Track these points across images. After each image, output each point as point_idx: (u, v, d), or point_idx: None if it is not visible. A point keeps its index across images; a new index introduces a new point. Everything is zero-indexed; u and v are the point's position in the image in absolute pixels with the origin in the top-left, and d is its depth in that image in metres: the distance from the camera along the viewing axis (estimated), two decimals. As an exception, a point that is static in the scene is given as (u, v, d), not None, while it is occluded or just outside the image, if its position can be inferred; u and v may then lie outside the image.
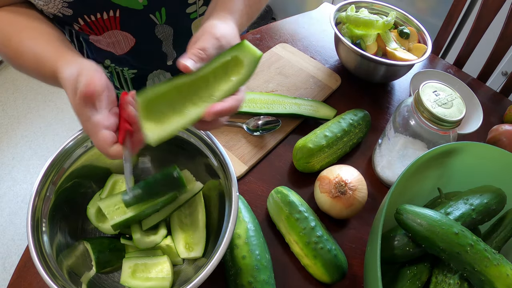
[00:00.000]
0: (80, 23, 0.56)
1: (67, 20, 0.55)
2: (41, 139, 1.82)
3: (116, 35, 0.60)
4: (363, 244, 0.59)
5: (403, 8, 0.85)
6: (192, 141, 0.52)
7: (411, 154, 0.60)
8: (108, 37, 0.60)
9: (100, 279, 0.47)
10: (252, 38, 0.92)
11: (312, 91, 0.80)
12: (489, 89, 0.91)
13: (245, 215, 0.54)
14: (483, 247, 0.42)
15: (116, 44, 0.62)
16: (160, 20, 0.61)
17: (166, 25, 0.62)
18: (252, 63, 0.40)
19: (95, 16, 0.55)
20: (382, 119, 0.78)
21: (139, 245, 0.49)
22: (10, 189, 1.63)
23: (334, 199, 0.56)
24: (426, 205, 0.55)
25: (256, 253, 0.50)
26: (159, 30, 0.63)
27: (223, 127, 0.71)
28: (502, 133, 0.70)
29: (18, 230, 1.51)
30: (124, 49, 0.63)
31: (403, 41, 0.80)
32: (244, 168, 0.65)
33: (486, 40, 0.97)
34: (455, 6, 0.99)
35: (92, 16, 0.55)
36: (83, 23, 0.56)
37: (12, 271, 0.52)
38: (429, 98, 0.54)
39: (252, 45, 0.40)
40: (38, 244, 0.41)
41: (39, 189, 0.44)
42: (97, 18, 0.55)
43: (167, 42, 0.67)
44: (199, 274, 0.39)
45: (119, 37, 0.61)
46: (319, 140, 0.63)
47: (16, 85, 2.02)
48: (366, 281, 0.45)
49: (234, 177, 0.46)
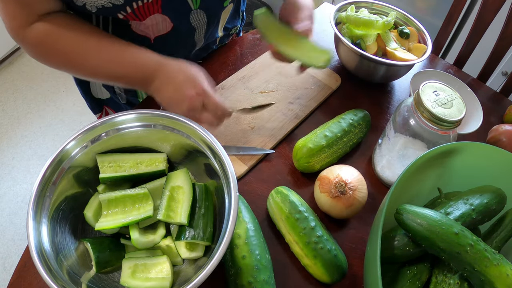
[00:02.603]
0: (127, 11, 0.57)
1: (114, 10, 0.56)
2: (41, 139, 1.82)
3: (157, 17, 0.62)
4: (363, 244, 0.59)
5: (403, 8, 0.85)
6: (193, 141, 0.52)
7: (411, 154, 0.60)
8: (149, 21, 0.61)
9: (100, 279, 0.47)
10: (252, 38, 0.92)
11: (312, 91, 0.80)
12: (489, 89, 0.91)
13: (245, 215, 0.54)
14: (483, 247, 0.42)
15: (155, 26, 0.63)
16: (194, 5, 0.63)
17: (200, 10, 0.65)
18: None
19: (142, 1, 0.56)
20: (382, 119, 0.78)
21: (138, 245, 0.49)
22: (10, 189, 1.63)
23: (334, 199, 0.56)
24: (426, 205, 0.55)
25: (256, 253, 0.50)
26: (194, 17, 0.65)
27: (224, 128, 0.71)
28: (502, 133, 0.70)
29: (18, 230, 1.51)
30: (161, 31, 0.65)
31: (403, 41, 0.80)
32: (244, 168, 0.65)
33: (486, 40, 0.97)
34: (455, 6, 0.99)
35: (139, 2, 0.56)
36: (130, 11, 0.57)
37: (12, 271, 0.52)
38: (429, 98, 0.54)
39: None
40: (38, 244, 0.41)
41: (39, 189, 0.44)
42: (143, 3, 0.57)
43: (200, 31, 0.70)
44: (199, 274, 0.39)
45: (159, 19, 0.62)
46: (319, 140, 0.63)
47: (16, 85, 2.02)
48: (366, 281, 0.45)
49: (234, 177, 0.46)
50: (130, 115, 0.51)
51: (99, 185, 0.52)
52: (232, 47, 0.89)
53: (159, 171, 0.54)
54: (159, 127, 0.52)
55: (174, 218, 0.50)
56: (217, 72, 0.82)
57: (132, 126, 0.52)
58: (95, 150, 0.51)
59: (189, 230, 0.49)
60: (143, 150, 0.55)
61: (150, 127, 0.52)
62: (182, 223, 0.49)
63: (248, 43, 0.90)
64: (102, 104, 0.85)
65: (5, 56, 2.08)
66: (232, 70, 0.83)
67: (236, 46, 0.89)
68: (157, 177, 0.55)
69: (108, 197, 0.49)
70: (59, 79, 2.08)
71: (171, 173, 0.53)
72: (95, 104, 0.85)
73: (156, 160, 0.54)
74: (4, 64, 2.10)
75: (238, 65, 0.84)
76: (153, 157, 0.54)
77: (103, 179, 0.51)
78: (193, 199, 0.51)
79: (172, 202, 0.51)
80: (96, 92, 0.82)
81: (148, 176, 0.54)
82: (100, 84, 0.80)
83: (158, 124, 0.52)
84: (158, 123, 0.52)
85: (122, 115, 0.51)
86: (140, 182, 0.55)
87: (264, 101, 0.76)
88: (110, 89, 0.81)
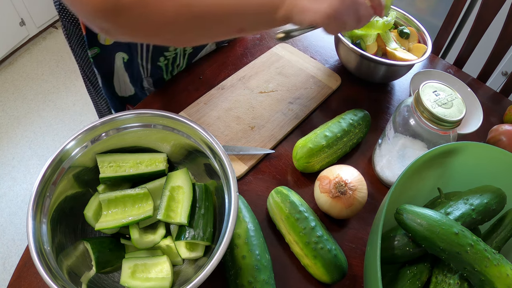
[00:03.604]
0: None
1: None
2: (41, 139, 1.82)
3: None
4: (363, 244, 0.59)
5: (403, 8, 0.85)
6: (193, 141, 0.52)
7: (411, 154, 0.60)
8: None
9: (100, 279, 0.47)
10: (252, 38, 0.92)
11: (312, 91, 0.80)
12: (489, 89, 0.91)
13: (245, 215, 0.54)
14: (483, 247, 0.42)
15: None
16: None
17: None
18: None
19: None
20: (382, 119, 0.78)
21: (138, 245, 0.49)
22: (10, 189, 1.63)
23: (334, 199, 0.56)
24: (426, 205, 0.55)
25: (256, 253, 0.50)
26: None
27: (224, 128, 0.71)
28: (502, 133, 0.70)
29: (18, 230, 1.51)
30: None
31: (403, 41, 0.80)
32: (244, 168, 0.65)
33: (486, 40, 0.97)
34: (455, 6, 0.99)
35: None
36: None
37: (12, 271, 0.52)
38: (429, 98, 0.54)
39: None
40: (38, 244, 0.41)
41: (39, 189, 0.44)
42: None
43: None
44: (199, 274, 0.39)
45: None
46: (319, 140, 0.63)
47: (16, 85, 2.02)
48: (366, 281, 0.45)
49: (234, 177, 0.46)
50: (130, 115, 0.51)
51: (99, 185, 0.52)
52: (232, 47, 0.89)
53: (159, 171, 0.54)
54: (159, 127, 0.52)
55: (174, 218, 0.50)
56: (217, 72, 0.82)
57: (132, 126, 0.52)
58: (95, 150, 0.51)
59: (189, 230, 0.49)
60: (143, 150, 0.55)
61: (150, 127, 0.52)
62: (182, 223, 0.49)
63: (248, 43, 0.90)
64: (125, 103, 0.85)
65: (5, 56, 2.08)
66: (232, 70, 0.83)
67: (236, 46, 0.89)
68: (157, 177, 0.55)
69: (108, 197, 0.49)
70: (59, 79, 2.08)
71: (171, 173, 0.53)
72: (118, 102, 0.84)
73: (156, 160, 0.54)
74: (4, 64, 2.10)
75: (238, 65, 0.84)
76: (153, 157, 0.54)
77: (103, 179, 0.51)
78: (193, 199, 0.51)
79: (172, 202, 0.51)
80: (120, 89, 0.82)
81: (148, 176, 0.54)
82: (126, 81, 0.79)
83: (158, 124, 0.52)
84: (158, 123, 0.52)
85: (122, 115, 0.51)
86: (140, 182, 0.55)
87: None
88: (137, 85, 0.81)
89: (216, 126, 0.71)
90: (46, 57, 2.18)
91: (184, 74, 0.81)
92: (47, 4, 2.17)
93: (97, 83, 0.81)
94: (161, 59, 0.77)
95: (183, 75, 0.81)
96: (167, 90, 0.78)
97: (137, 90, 0.82)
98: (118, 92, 0.82)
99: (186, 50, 0.80)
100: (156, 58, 0.76)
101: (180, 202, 0.51)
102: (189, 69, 0.82)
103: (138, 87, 0.82)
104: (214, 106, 0.74)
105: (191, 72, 0.82)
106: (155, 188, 0.53)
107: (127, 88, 0.81)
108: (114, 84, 0.80)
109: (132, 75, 0.78)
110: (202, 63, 0.84)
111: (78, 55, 0.76)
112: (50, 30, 2.33)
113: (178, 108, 0.74)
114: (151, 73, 0.79)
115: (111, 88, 0.81)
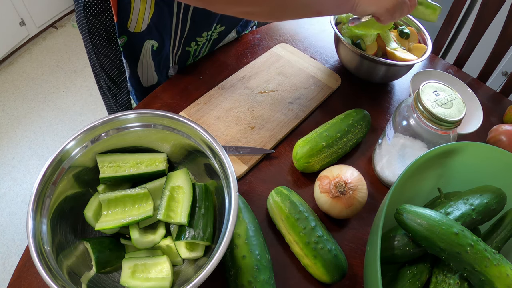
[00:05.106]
0: None
1: None
2: (41, 139, 1.82)
3: None
4: (363, 244, 0.59)
5: (403, 8, 0.85)
6: (193, 141, 0.52)
7: (411, 154, 0.60)
8: None
9: (100, 279, 0.47)
10: (252, 38, 0.92)
11: (312, 91, 0.80)
12: (489, 89, 0.91)
13: (245, 215, 0.54)
14: (483, 247, 0.42)
15: None
16: None
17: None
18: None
19: None
20: (382, 119, 0.78)
21: (138, 245, 0.49)
22: (10, 189, 1.63)
23: (334, 199, 0.56)
24: (426, 205, 0.55)
25: (256, 253, 0.50)
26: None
27: (224, 128, 0.71)
28: (502, 133, 0.70)
29: (18, 230, 1.51)
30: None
31: (403, 41, 0.80)
32: (244, 168, 0.65)
33: (486, 40, 0.97)
34: (455, 6, 0.99)
35: None
36: None
37: (12, 271, 0.52)
38: (429, 98, 0.54)
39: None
40: (38, 244, 0.41)
41: (39, 189, 0.44)
42: None
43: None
44: (199, 274, 0.39)
45: None
46: (319, 140, 0.63)
47: (16, 85, 2.02)
48: (366, 281, 0.45)
49: (234, 177, 0.46)
50: (130, 115, 0.51)
51: (99, 185, 0.52)
52: (232, 47, 0.89)
53: (159, 171, 0.54)
54: (159, 127, 0.52)
55: (174, 218, 0.50)
56: (217, 72, 0.82)
57: (132, 126, 0.52)
58: (95, 150, 0.51)
59: (189, 230, 0.49)
60: (143, 150, 0.55)
61: (150, 127, 0.52)
62: (182, 223, 0.49)
63: (248, 43, 0.90)
64: (149, 92, 0.85)
65: (5, 56, 2.08)
66: (232, 70, 0.83)
67: (236, 46, 0.89)
68: (157, 177, 0.55)
69: (108, 197, 0.49)
70: (59, 79, 2.08)
71: (171, 173, 0.53)
72: (144, 95, 0.84)
73: (156, 160, 0.54)
74: (4, 64, 2.10)
75: (238, 65, 0.84)
76: (153, 157, 0.54)
77: (103, 179, 0.51)
78: (193, 199, 0.51)
79: (172, 202, 0.51)
80: (142, 79, 0.82)
81: (148, 176, 0.54)
82: (151, 69, 0.79)
83: (158, 124, 0.52)
84: (158, 123, 0.52)
85: (122, 115, 0.51)
86: (140, 182, 0.55)
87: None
88: (163, 74, 0.81)
89: (216, 126, 0.71)
90: (46, 57, 2.18)
91: (184, 74, 0.81)
92: (47, 4, 2.17)
93: (119, 77, 0.81)
94: (192, 44, 0.78)
95: (183, 75, 0.81)
96: (167, 90, 0.78)
97: (161, 78, 0.82)
98: (145, 84, 0.83)
99: (212, 36, 0.81)
100: (188, 43, 0.77)
101: (180, 202, 0.51)
102: (189, 69, 0.82)
103: (163, 76, 0.82)
104: (214, 106, 0.74)
105: (191, 72, 0.82)
106: (155, 188, 0.53)
107: (149, 77, 0.81)
108: (138, 73, 0.80)
109: (159, 64, 0.79)
110: (202, 63, 0.84)
111: (100, 51, 0.76)
112: (50, 30, 2.33)
113: (178, 108, 0.74)
114: (178, 59, 0.80)
115: (137, 79, 0.81)
